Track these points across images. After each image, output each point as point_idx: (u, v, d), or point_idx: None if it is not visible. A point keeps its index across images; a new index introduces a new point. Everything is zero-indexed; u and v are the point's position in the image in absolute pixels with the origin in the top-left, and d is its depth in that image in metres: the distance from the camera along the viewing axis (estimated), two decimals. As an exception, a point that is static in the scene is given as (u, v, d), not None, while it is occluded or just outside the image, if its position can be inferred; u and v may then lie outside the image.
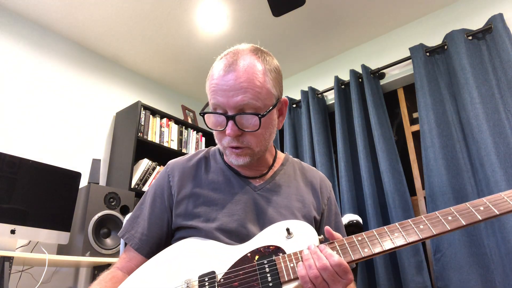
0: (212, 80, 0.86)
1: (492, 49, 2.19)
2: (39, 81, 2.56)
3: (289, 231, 0.77)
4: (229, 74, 0.83)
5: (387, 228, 0.72)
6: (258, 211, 0.91)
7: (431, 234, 0.68)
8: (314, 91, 2.92)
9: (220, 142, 0.90)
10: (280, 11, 2.20)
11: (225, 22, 2.68)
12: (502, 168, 1.91)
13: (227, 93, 0.82)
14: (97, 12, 2.55)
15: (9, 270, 1.71)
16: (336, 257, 0.67)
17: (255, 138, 0.87)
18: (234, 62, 0.85)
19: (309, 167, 1.09)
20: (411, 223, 0.71)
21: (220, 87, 0.83)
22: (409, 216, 2.21)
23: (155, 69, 3.24)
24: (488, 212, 0.67)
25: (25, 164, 1.97)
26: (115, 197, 2.27)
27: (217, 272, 0.76)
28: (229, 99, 0.82)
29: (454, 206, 0.70)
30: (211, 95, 0.86)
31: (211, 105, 0.87)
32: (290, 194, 0.96)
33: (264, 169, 0.99)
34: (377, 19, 2.69)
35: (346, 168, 2.52)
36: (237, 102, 0.82)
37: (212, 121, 0.88)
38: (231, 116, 0.83)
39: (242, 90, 0.82)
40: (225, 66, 0.85)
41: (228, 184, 0.95)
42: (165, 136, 2.98)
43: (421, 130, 2.29)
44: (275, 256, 0.74)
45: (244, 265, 0.76)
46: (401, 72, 2.65)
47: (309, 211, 0.95)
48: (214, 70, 0.88)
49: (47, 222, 1.97)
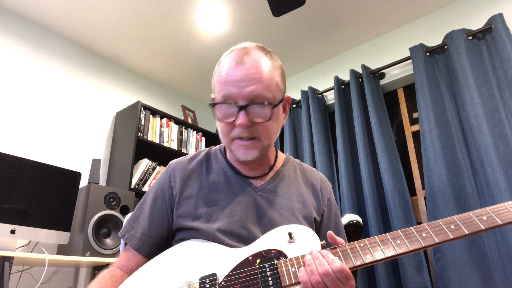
0: (221, 72, 0.88)
1: (492, 49, 2.19)
2: (39, 81, 2.56)
3: (291, 236, 0.77)
4: (240, 66, 0.85)
5: (389, 235, 0.72)
6: (259, 212, 0.91)
7: (434, 242, 0.68)
8: (314, 91, 2.92)
9: (227, 135, 0.89)
10: (280, 11, 2.19)
11: (225, 22, 2.68)
12: (502, 168, 1.91)
13: (238, 84, 0.84)
14: (97, 12, 2.55)
15: (9, 270, 1.71)
16: (338, 263, 0.67)
17: (265, 130, 0.87)
18: (244, 55, 0.87)
19: (309, 168, 1.09)
20: (413, 231, 0.71)
21: (232, 78, 0.85)
22: (409, 216, 2.21)
23: (155, 69, 3.24)
24: (491, 222, 0.68)
25: (25, 164, 1.97)
26: (115, 197, 2.27)
27: (218, 274, 0.76)
28: (241, 89, 0.84)
29: (457, 215, 0.71)
30: (221, 87, 0.86)
31: (220, 98, 0.87)
32: (291, 195, 0.96)
33: (266, 168, 0.99)
34: (377, 19, 2.69)
35: (346, 168, 2.52)
36: (249, 92, 0.83)
37: (222, 112, 0.87)
38: (243, 106, 0.84)
39: (254, 81, 0.84)
40: (236, 59, 0.87)
41: (229, 184, 0.94)
42: (165, 136, 2.98)
43: (421, 130, 2.29)
44: (276, 260, 0.75)
45: (245, 268, 0.76)
46: (401, 72, 2.65)
47: (310, 212, 0.95)
48: (223, 64, 0.89)
49: (47, 222, 1.97)
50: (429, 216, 2.12)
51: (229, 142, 0.90)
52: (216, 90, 0.89)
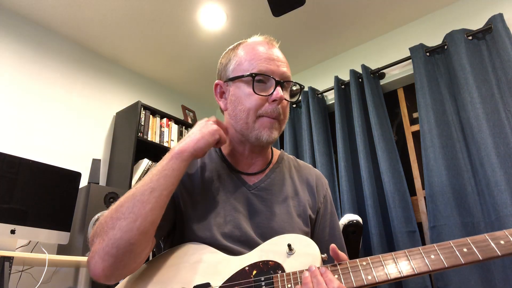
0: (256, 50, 0.92)
1: (492, 49, 2.19)
2: (39, 81, 2.56)
3: (291, 247, 0.75)
4: (274, 48, 0.94)
5: (394, 255, 0.67)
6: (252, 211, 0.89)
7: (443, 266, 0.62)
8: (314, 91, 2.92)
9: (255, 112, 0.87)
10: (280, 11, 2.19)
11: (225, 22, 2.68)
12: (502, 168, 1.91)
13: (276, 62, 0.90)
14: (97, 12, 2.55)
15: (9, 270, 1.71)
16: (336, 284, 0.64)
17: (286, 111, 0.92)
18: (272, 41, 0.96)
19: (304, 164, 1.07)
20: (421, 252, 0.65)
21: (270, 56, 0.90)
22: (409, 216, 2.21)
23: (155, 69, 3.24)
24: (509, 248, 0.61)
25: (25, 164, 1.97)
26: (115, 197, 2.28)
27: (212, 284, 0.74)
28: (279, 68, 0.90)
29: (471, 237, 0.64)
30: (259, 62, 0.89)
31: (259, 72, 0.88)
32: (285, 192, 0.95)
33: (263, 165, 0.98)
34: (377, 19, 2.69)
35: (346, 168, 2.52)
36: (284, 72, 0.90)
37: (260, 86, 0.89)
38: (281, 82, 0.89)
39: (285, 64, 0.93)
40: (267, 43, 0.94)
41: (222, 183, 0.93)
42: (165, 136, 2.98)
43: (421, 130, 2.29)
44: (273, 273, 0.72)
45: (240, 279, 0.73)
46: (401, 72, 2.65)
47: (305, 210, 0.94)
48: (252, 44, 0.94)
49: (47, 222, 1.97)
50: (429, 216, 2.12)
51: (254, 120, 0.88)
52: (245, 67, 0.90)
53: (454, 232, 1.99)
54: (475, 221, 1.99)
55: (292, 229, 0.88)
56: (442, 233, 2.04)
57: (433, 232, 2.08)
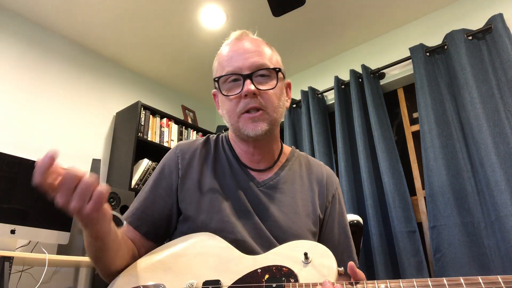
0: (223, 52, 0.93)
1: (492, 49, 2.19)
2: (39, 81, 2.56)
3: (307, 256, 0.71)
4: (242, 42, 0.92)
5: (416, 282, 0.63)
6: (259, 208, 0.88)
7: None
8: (314, 91, 2.92)
9: (234, 112, 0.88)
10: (280, 11, 2.19)
11: (225, 22, 2.68)
12: (502, 168, 1.91)
13: (242, 56, 0.88)
14: (97, 12, 2.55)
15: (9, 270, 1.71)
16: None
17: (271, 100, 0.88)
18: (243, 34, 0.95)
19: (316, 162, 1.05)
20: (446, 283, 0.62)
21: (235, 52, 0.89)
22: (409, 216, 2.21)
23: (155, 69, 3.24)
24: None
25: (25, 164, 1.97)
26: (115, 197, 2.27)
27: (223, 282, 0.73)
28: (245, 61, 0.87)
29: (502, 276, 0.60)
30: (226, 63, 0.89)
31: (225, 73, 0.89)
32: (294, 191, 0.93)
33: (271, 162, 0.96)
34: (377, 19, 2.69)
35: (346, 168, 2.52)
36: (253, 62, 0.87)
37: (228, 86, 0.89)
38: (248, 74, 0.86)
39: (256, 52, 0.89)
40: (237, 38, 0.94)
41: (232, 178, 0.92)
42: (165, 136, 2.98)
43: (421, 130, 2.29)
44: (286, 280, 0.69)
45: (252, 281, 0.71)
46: (401, 72, 2.65)
47: (314, 210, 0.92)
48: (224, 46, 0.95)
49: (47, 222, 1.97)
50: (429, 216, 2.12)
51: (236, 120, 0.88)
52: (218, 74, 0.91)
53: (454, 232, 1.99)
54: (475, 221, 1.99)
55: (300, 229, 0.87)
56: (442, 233, 2.04)
57: (433, 232, 2.08)
